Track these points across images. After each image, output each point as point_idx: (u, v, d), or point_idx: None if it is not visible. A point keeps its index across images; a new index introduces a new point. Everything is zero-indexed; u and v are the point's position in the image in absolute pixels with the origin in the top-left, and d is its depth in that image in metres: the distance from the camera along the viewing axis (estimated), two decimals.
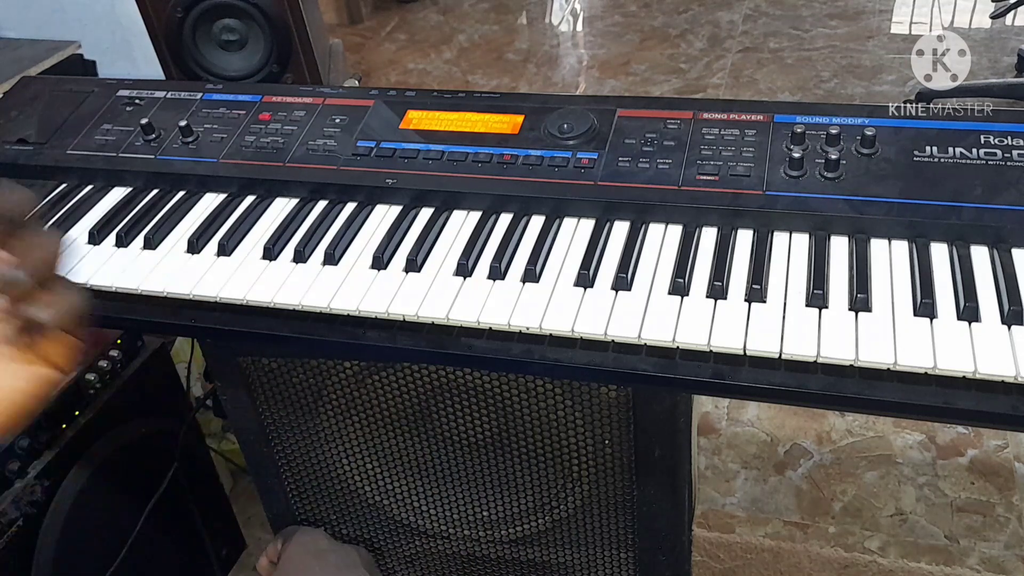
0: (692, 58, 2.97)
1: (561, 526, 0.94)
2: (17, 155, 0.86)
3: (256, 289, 0.70)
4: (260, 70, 1.43)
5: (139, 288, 0.72)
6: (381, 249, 0.72)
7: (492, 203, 0.75)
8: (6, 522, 1.03)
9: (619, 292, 0.66)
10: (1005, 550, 1.42)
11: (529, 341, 0.65)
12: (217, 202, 0.80)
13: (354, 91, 0.89)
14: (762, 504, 1.53)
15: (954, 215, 0.65)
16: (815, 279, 0.64)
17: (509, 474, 0.91)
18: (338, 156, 0.80)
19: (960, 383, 0.57)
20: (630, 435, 0.82)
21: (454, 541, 1.00)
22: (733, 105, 0.77)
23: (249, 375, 0.91)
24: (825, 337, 0.59)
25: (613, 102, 0.80)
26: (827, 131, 0.71)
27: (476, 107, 0.82)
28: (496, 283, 0.68)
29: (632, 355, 0.62)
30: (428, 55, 3.20)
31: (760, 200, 0.69)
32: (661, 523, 0.89)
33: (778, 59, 2.88)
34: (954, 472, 1.55)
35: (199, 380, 1.58)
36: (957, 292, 0.62)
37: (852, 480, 1.55)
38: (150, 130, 0.84)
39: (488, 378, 0.82)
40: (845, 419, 1.66)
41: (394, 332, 0.67)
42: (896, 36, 2.94)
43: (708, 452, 1.64)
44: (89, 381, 1.15)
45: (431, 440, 0.91)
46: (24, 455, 1.06)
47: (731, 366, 0.60)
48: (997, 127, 0.70)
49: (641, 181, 0.72)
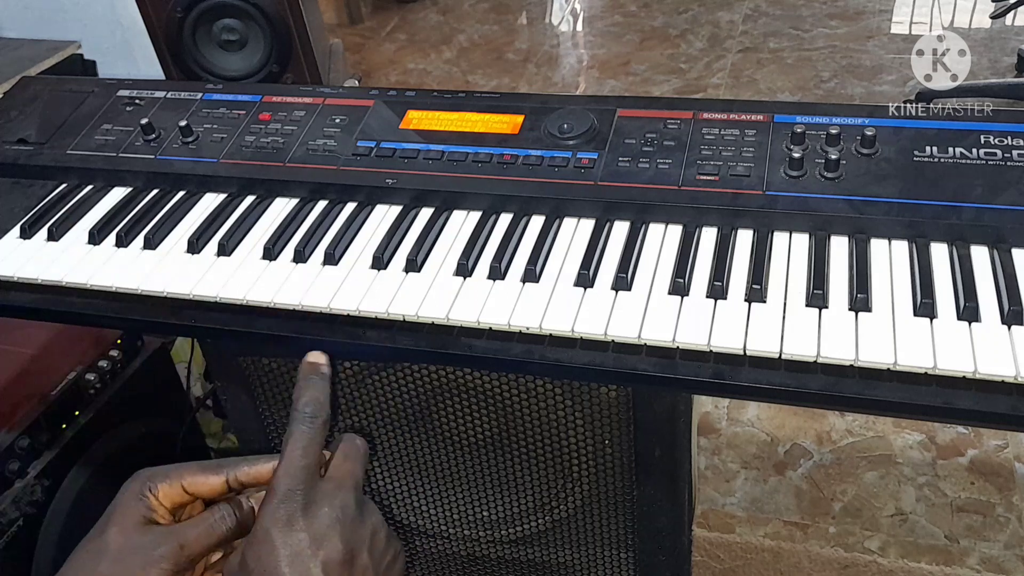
0: (692, 58, 2.97)
1: (561, 526, 0.94)
2: (17, 155, 0.86)
3: (256, 289, 0.70)
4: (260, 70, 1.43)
5: (139, 288, 0.72)
6: (381, 249, 0.72)
7: (492, 203, 0.75)
8: (6, 522, 1.03)
9: (619, 292, 0.66)
10: (1005, 550, 1.42)
11: (529, 341, 0.65)
12: (217, 202, 0.80)
13: (354, 91, 0.89)
14: (762, 504, 1.53)
15: (954, 215, 0.65)
16: (815, 279, 0.64)
17: (509, 474, 0.91)
18: (338, 156, 0.80)
19: (960, 383, 0.57)
20: (630, 435, 0.82)
21: (454, 541, 1.00)
22: (733, 105, 0.77)
23: (249, 375, 0.91)
24: (825, 337, 0.59)
25: (613, 102, 0.80)
26: (827, 131, 0.71)
27: (476, 107, 0.81)
28: (496, 283, 0.68)
29: (632, 355, 0.62)
30: (428, 55, 3.20)
31: (760, 200, 0.69)
32: (661, 523, 0.89)
33: (778, 59, 2.88)
34: (954, 472, 1.55)
35: (199, 380, 1.58)
36: (957, 292, 0.62)
37: (852, 480, 1.55)
38: (150, 130, 0.84)
39: (488, 378, 0.82)
40: (845, 419, 1.66)
41: (394, 332, 0.67)
42: (896, 36, 2.94)
43: (708, 452, 1.64)
44: (89, 381, 1.15)
45: (431, 440, 0.91)
46: (24, 455, 1.06)
47: (731, 366, 0.60)
48: (997, 127, 0.70)
49: (641, 181, 0.72)
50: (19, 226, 0.80)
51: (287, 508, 0.54)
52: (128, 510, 0.56)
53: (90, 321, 0.75)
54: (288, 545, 0.52)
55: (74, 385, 1.14)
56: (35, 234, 0.80)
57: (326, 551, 0.53)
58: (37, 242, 0.79)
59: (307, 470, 0.56)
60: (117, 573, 0.53)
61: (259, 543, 0.53)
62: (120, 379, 1.19)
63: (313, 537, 0.53)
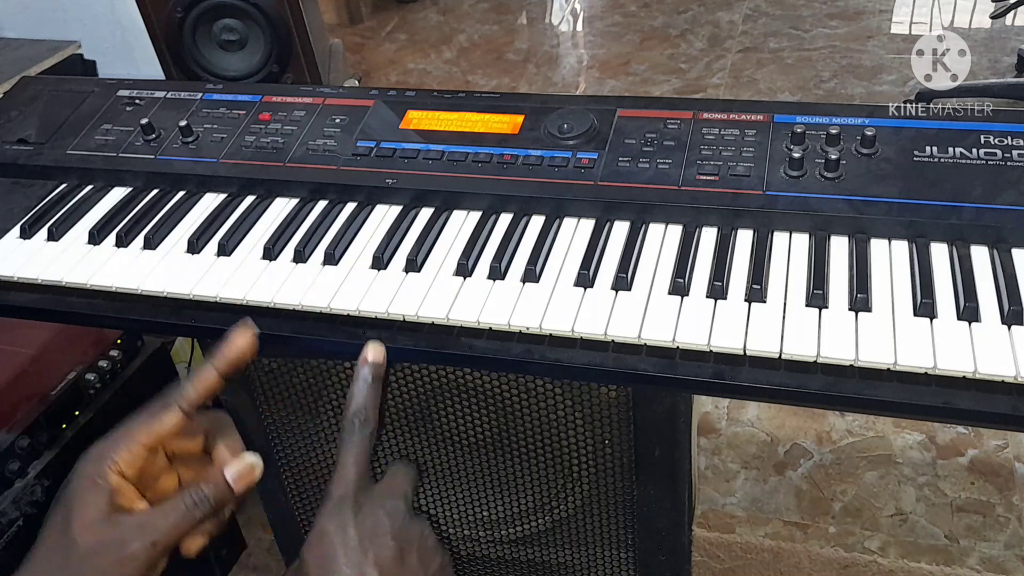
0: (692, 58, 2.97)
1: (561, 526, 0.94)
2: (17, 155, 0.86)
3: (256, 289, 0.70)
4: (260, 70, 1.43)
5: (139, 288, 0.72)
6: (381, 249, 0.72)
7: (492, 203, 0.75)
8: (6, 522, 1.03)
9: (619, 292, 0.66)
10: (1005, 550, 1.42)
11: (529, 341, 0.65)
12: (217, 202, 0.80)
13: (354, 91, 0.89)
14: (762, 504, 1.53)
15: (954, 215, 0.65)
16: (815, 279, 0.64)
17: (509, 474, 0.91)
18: (338, 156, 0.80)
19: (960, 383, 0.57)
20: (630, 435, 0.82)
21: (454, 541, 1.00)
22: (733, 105, 0.77)
23: (249, 375, 0.91)
24: (825, 337, 0.59)
25: (613, 102, 0.79)
26: (827, 131, 0.71)
27: (476, 107, 0.81)
28: (496, 283, 0.68)
29: (632, 355, 0.62)
30: (428, 55, 3.20)
31: (760, 200, 0.69)
32: (661, 523, 0.89)
33: (778, 59, 2.88)
34: (954, 472, 1.55)
35: None
36: (957, 292, 0.62)
37: (852, 480, 1.56)
38: (150, 130, 0.84)
39: (488, 378, 0.82)
40: (845, 419, 1.66)
41: (394, 332, 0.67)
42: (896, 36, 2.94)
43: (708, 452, 1.64)
44: (89, 381, 1.15)
45: (431, 440, 0.91)
46: (24, 455, 1.06)
47: (731, 366, 0.60)
48: (997, 127, 0.70)
49: (641, 181, 0.72)
50: (19, 226, 0.80)
51: (341, 511, 0.58)
52: (90, 501, 0.55)
53: (90, 321, 0.75)
54: (344, 544, 0.57)
55: (74, 385, 1.14)
56: (35, 234, 0.80)
57: (378, 549, 0.57)
58: (37, 242, 0.79)
59: (359, 476, 0.60)
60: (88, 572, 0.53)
61: (317, 543, 0.57)
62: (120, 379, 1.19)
63: (366, 536, 0.57)
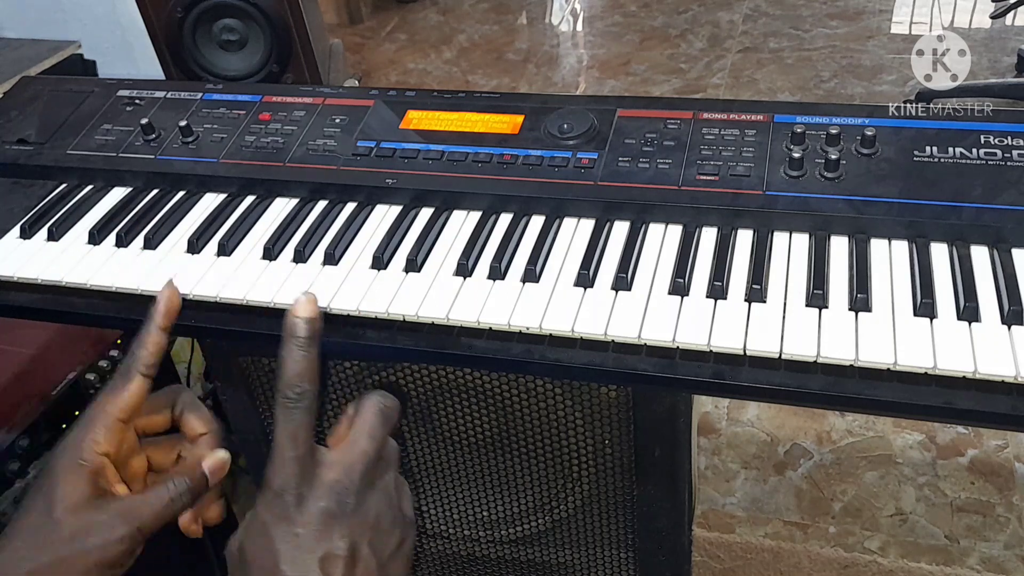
0: (692, 58, 2.97)
1: (561, 526, 0.94)
2: (17, 155, 0.86)
3: (256, 289, 0.70)
4: (260, 70, 1.43)
5: (139, 288, 0.72)
6: (381, 249, 0.72)
7: (492, 203, 0.75)
8: (6, 522, 1.02)
9: (619, 292, 0.66)
10: (1005, 550, 1.42)
11: (529, 341, 0.65)
12: (217, 202, 0.80)
13: (354, 91, 0.89)
14: (762, 504, 1.54)
15: (954, 215, 0.65)
16: (815, 279, 0.64)
17: (509, 474, 0.91)
18: (338, 156, 0.80)
19: (960, 383, 0.57)
20: (630, 435, 0.82)
21: (454, 541, 1.00)
22: (733, 105, 0.77)
23: (249, 375, 0.91)
24: (825, 337, 0.59)
25: (613, 102, 0.79)
26: (827, 131, 0.71)
27: (476, 107, 0.82)
28: (496, 283, 0.68)
29: (632, 355, 0.62)
30: (428, 55, 3.20)
31: (760, 200, 0.69)
32: (661, 523, 0.89)
33: (778, 59, 2.88)
34: (954, 472, 1.55)
35: (199, 380, 1.58)
36: (957, 292, 0.62)
37: (852, 480, 1.56)
38: (150, 130, 0.84)
39: (488, 378, 0.82)
40: (845, 419, 1.66)
41: (394, 332, 0.67)
42: (896, 36, 2.94)
43: (708, 452, 1.64)
44: (89, 381, 1.15)
45: (431, 440, 0.91)
46: (24, 455, 1.06)
47: (731, 366, 0.60)
48: (997, 127, 0.70)
49: (641, 181, 0.72)
50: (19, 226, 0.80)
51: (281, 504, 0.53)
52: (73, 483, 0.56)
53: (90, 321, 0.75)
54: (286, 542, 0.52)
55: (74, 385, 1.13)
56: (35, 234, 0.80)
57: (324, 547, 0.52)
58: (37, 242, 0.79)
59: (298, 461, 0.53)
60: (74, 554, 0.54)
61: (257, 536, 0.53)
62: None
63: (310, 534, 0.52)
